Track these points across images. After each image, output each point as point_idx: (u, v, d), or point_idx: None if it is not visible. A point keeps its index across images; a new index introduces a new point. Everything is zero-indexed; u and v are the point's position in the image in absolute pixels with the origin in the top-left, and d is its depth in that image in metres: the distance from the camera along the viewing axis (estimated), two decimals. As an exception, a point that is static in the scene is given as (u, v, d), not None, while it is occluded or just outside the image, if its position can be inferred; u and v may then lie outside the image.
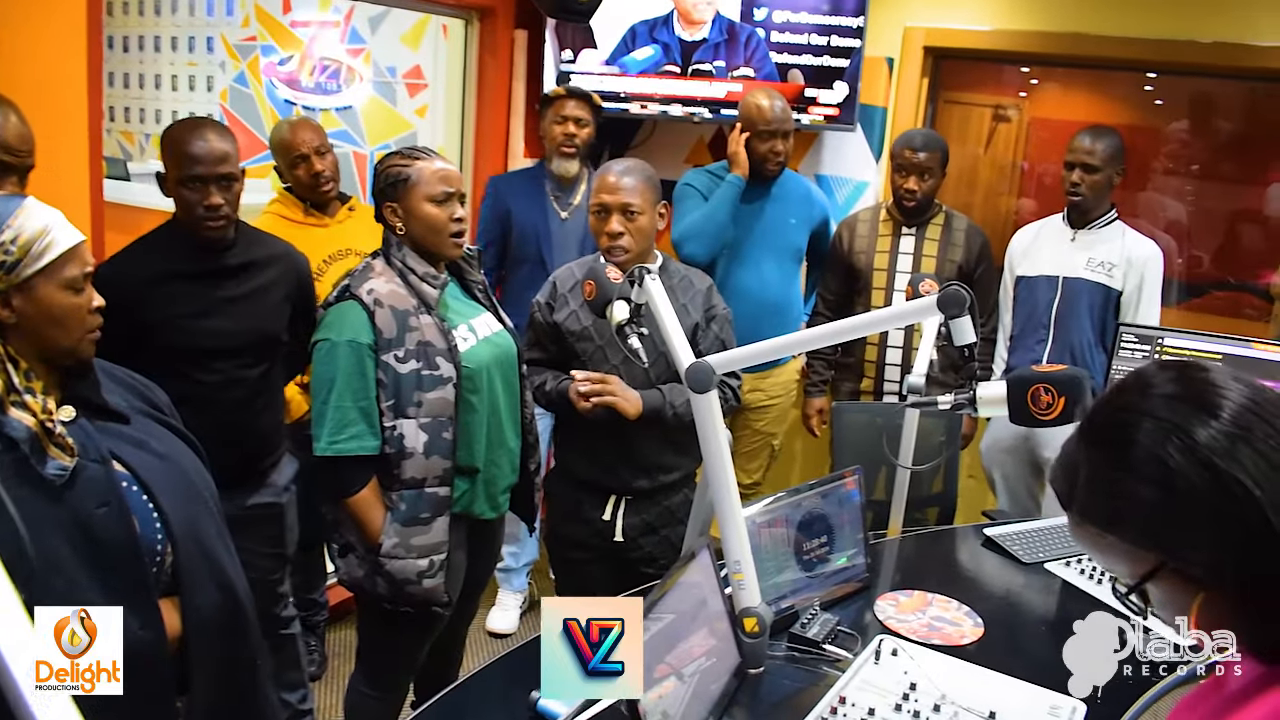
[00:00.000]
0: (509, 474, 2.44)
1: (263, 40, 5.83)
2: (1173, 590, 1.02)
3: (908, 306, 1.88)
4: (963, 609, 2.15)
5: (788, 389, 3.65)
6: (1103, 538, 1.05)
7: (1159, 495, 0.98)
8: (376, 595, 2.28)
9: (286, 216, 3.18)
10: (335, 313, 2.22)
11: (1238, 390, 1.00)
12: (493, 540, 2.58)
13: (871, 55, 3.85)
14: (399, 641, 2.43)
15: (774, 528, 2.03)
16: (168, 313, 2.34)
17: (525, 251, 3.51)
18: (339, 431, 2.17)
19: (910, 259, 3.40)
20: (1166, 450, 0.98)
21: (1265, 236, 4.05)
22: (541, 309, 2.60)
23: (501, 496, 2.45)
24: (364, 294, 2.19)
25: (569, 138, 3.49)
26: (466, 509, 2.35)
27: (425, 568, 2.25)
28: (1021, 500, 3.45)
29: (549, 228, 3.50)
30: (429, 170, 2.25)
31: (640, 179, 2.48)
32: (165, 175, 2.35)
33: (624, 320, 2.04)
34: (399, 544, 2.22)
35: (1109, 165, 3.18)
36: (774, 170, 3.38)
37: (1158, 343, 2.55)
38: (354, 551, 2.29)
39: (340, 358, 2.17)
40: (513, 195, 3.55)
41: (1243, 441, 0.96)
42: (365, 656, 2.52)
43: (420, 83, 5.27)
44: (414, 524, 2.23)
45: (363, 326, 2.17)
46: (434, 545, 2.25)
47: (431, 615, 2.34)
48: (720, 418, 1.80)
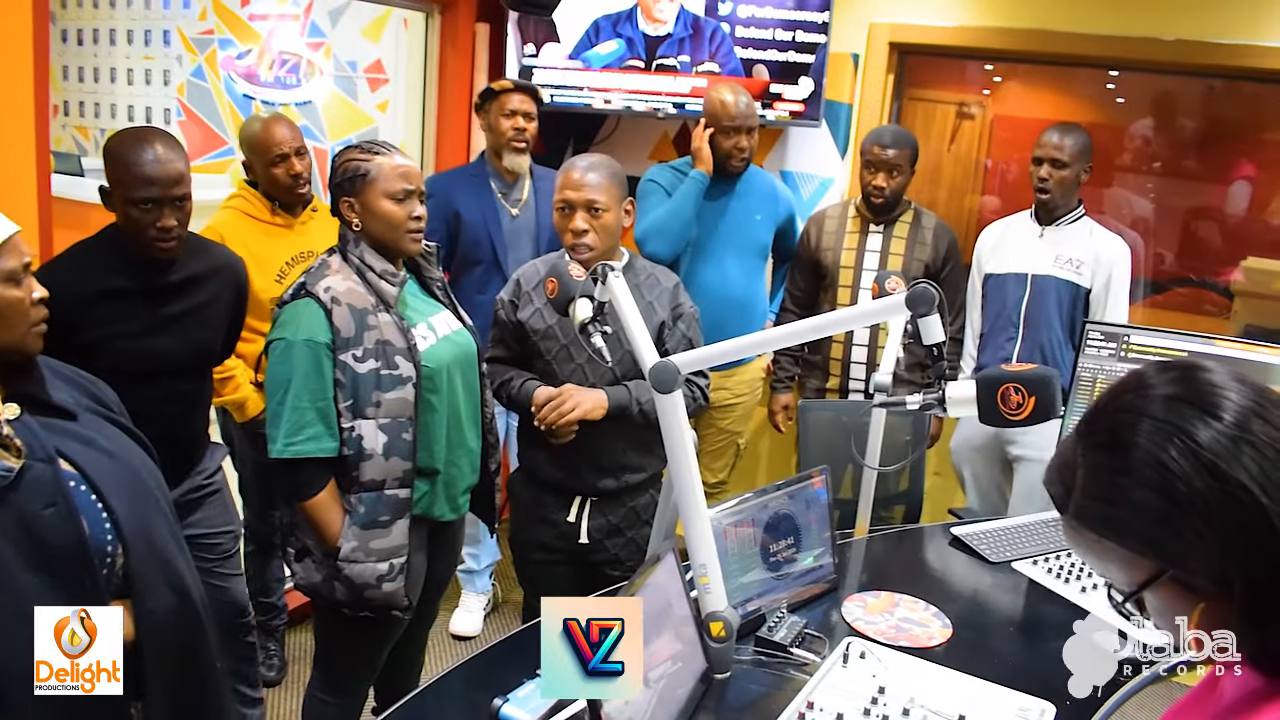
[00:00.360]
0: (469, 475, 2.40)
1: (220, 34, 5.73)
2: (1172, 599, 0.99)
3: (876, 305, 1.85)
4: (930, 610, 2.13)
5: (753, 387, 3.62)
6: (1099, 543, 1.01)
7: (1159, 500, 0.95)
8: (335, 600, 2.22)
9: (251, 215, 3.07)
10: (291, 311, 2.15)
11: (1240, 390, 0.97)
12: (453, 542, 2.54)
13: (837, 51, 3.84)
14: (358, 646, 2.38)
15: (740, 529, 2.00)
16: (108, 332, 2.27)
17: (478, 253, 3.41)
18: (296, 433, 2.12)
19: (877, 257, 3.38)
20: (1168, 453, 0.94)
21: (1225, 234, 4.09)
22: (505, 307, 2.56)
23: (461, 498, 2.41)
24: (320, 292, 2.14)
25: (519, 132, 3.40)
26: (426, 511, 2.30)
27: (385, 571, 2.20)
28: (991, 499, 3.45)
29: (500, 226, 3.42)
30: (388, 166, 2.19)
31: (605, 175, 2.44)
32: (110, 191, 2.26)
33: (587, 319, 2.00)
34: (358, 547, 2.17)
35: (1077, 161, 3.17)
36: (738, 166, 3.35)
37: (1124, 340, 2.54)
38: (311, 556, 2.24)
39: (296, 357, 2.11)
40: (458, 195, 3.43)
41: (1246, 444, 0.93)
42: (323, 662, 2.46)
43: (381, 77, 5.19)
44: (373, 527, 2.18)
45: (319, 325, 2.11)
46: (394, 548, 2.20)
47: (391, 619, 2.30)
48: (685, 418, 1.76)
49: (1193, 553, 0.94)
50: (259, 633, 3.39)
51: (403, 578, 2.22)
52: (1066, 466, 1.04)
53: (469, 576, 3.78)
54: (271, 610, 3.40)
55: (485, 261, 3.40)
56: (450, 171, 3.70)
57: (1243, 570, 0.92)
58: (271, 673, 3.37)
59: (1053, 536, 2.53)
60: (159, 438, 2.27)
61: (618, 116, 4.25)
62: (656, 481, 2.61)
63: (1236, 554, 0.92)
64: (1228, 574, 0.93)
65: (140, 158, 2.21)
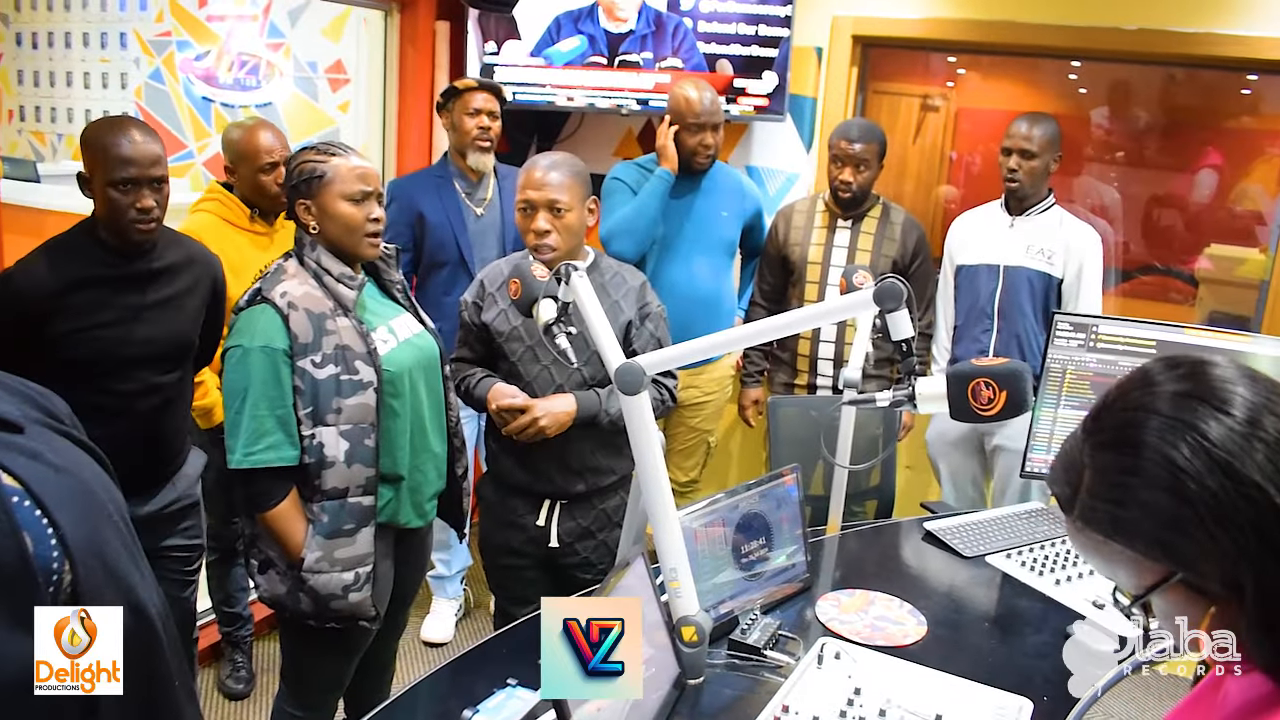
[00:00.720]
0: (435, 480, 2.36)
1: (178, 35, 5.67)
2: (1181, 602, 0.96)
3: (844, 301, 1.82)
4: (905, 607, 2.11)
5: (722, 385, 3.59)
6: (1106, 545, 0.98)
7: (1170, 501, 0.92)
8: (300, 612, 2.18)
9: (229, 220, 2.99)
10: (247, 318, 2.10)
11: (1250, 386, 0.94)
12: (421, 549, 2.49)
13: (800, 45, 3.81)
14: (326, 659, 2.33)
15: (711, 530, 1.97)
16: (85, 322, 2.27)
17: (443, 254, 3.36)
18: (255, 442, 2.07)
19: (845, 252, 3.36)
20: (1179, 451, 0.91)
21: (1189, 222, 4.11)
22: (469, 308, 2.52)
23: (429, 504, 2.36)
24: (277, 297, 2.08)
25: (483, 131, 3.34)
26: (392, 518, 2.25)
27: (351, 581, 2.15)
28: (966, 493, 3.44)
29: (465, 227, 3.37)
30: (345, 167, 2.14)
31: (567, 174, 2.40)
32: (89, 177, 2.28)
33: (551, 320, 1.97)
34: (322, 558, 2.12)
35: (1046, 151, 3.17)
36: (704, 163, 3.32)
37: (1092, 330, 2.53)
38: (275, 567, 2.19)
39: (254, 365, 2.06)
40: (421, 197, 3.38)
41: (1259, 440, 0.90)
42: (290, 675, 2.41)
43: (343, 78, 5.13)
44: (337, 536, 2.13)
45: (276, 331, 2.06)
46: (359, 557, 2.16)
47: (359, 630, 2.25)
48: (652, 420, 1.73)
49: (1204, 555, 0.91)
50: (225, 644, 3.34)
51: (369, 587, 2.18)
52: (1072, 466, 1.01)
53: (439, 582, 3.73)
54: (237, 620, 3.34)
55: (451, 263, 3.36)
56: (413, 174, 3.65)
57: (1255, 572, 0.90)
58: (239, 685, 3.30)
59: (1026, 529, 2.52)
60: (136, 439, 2.38)
61: (581, 114, 4.21)
62: (627, 483, 2.57)
63: (1249, 555, 0.89)
64: (1239, 576, 0.90)
65: (119, 140, 2.24)
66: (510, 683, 1.75)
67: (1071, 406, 2.58)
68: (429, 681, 1.87)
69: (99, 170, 2.25)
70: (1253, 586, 0.90)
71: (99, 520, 1.59)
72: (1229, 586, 0.92)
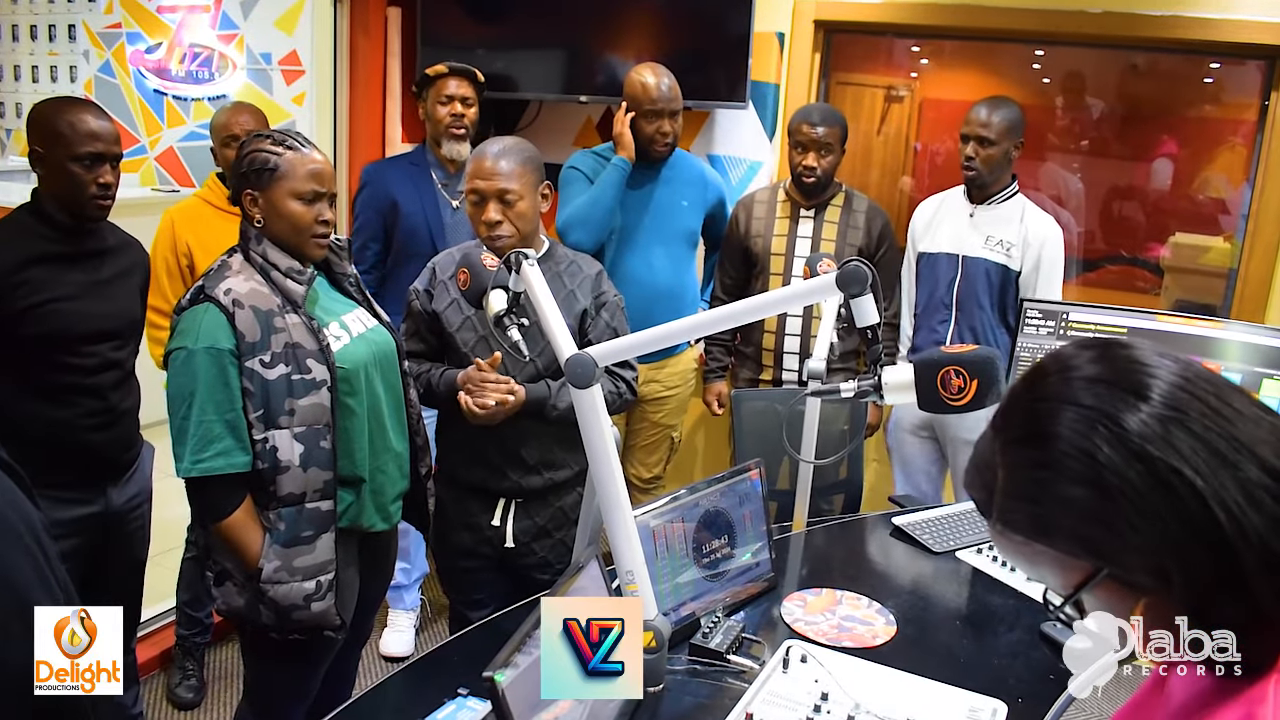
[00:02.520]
0: (398, 480, 2.25)
1: (128, 27, 5.55)
2: (1111, 598, 0.91)
3: (806, 285, 1.75)
4: (873, 606, 2.03)
5: (685, 379, 3.51)
6: (1029, 546, 0.92)
7: (1089, 495, 0.86)
8: (261, 625, 2.06)
9: (211, 202, 3.01)
10: (189, 317, 1.98)
11: (1166, 368, 0.88)
12: (386, 553, 2.39)
13: (761, 30, 3.73)
14: (290, 672, 2.21)
15: (671, 528, 1.89)
16: (43, 297, 2.30)
17: (416, 246, 3.22)
18: (203, 449, 1.94)
19: (809, 242, 3.28)
20: (1093, 442, 0.86)
21: (1154, 210, 4.08)
22: (420, 297, 2.43)
23: (393, 505, 2.25)
24: (221, 295, 1.97)
25: (456, 118, 3.24)
26: (354, 522, 2.14)
27: (312, 590, 2.04)
28: (919, 484, 3.37)
29: (440, 219, 3.25)
30: (299, 164, 2.03)
31: (517, 161, 2.30)
32: (42, 153, 2.31)
33: (502, 310, 1.89)
34: (281, 567, 2.01)
35: (1005, 138, 3.08)
36: (662, 151, 3.23)
37: (1063, 318, 2.48)
38: (232, 579, 2.07)
39: (199, 367, 1.93)
40: (395, 185, 3.26)
41: (1177, 425, 0.85)
42: (253, 690, 2.29)
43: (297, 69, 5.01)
44: (296, 544, 2.02)
45: (221, 330, 1.95)
46: (320, 565, 2.05)
47: (324, 640, 2.14)
48: (605, 414, 1.64)
49: (1128, 548, 0.86)
50: (177, 649, 3.22)
51: (333, 595, 2.07)
52: (985, 466, 0.95)
53: (396, 593, 3.58)
54: (196, 626, 3.21)
55: (424, 254, 3.19)
56: (388, 159, 3.53)
57: (1181, 559, 0.84)
58: (189, 694, 3.17)
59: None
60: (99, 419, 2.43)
61: (539, 103, 4.11)
62: (584, 478, 2.48)
63: (1173, 543, 0.84)
64: (1165, 565, 0.85)
65: (81, 115, 2.29)
66: (461, 692, 1.67)
67: (1041, 396, 2.52)
68: (379, 691, 1.79)
69: (59, 145, 2.27)
70: (1179, 574, 0.85)
71: (6, 546, 1.48)
72: (1157, 577, 0.86)
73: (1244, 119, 3.65)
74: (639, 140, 3.19)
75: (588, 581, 1.57)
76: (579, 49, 3.89)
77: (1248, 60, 3.56)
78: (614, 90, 3.30)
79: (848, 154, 3.33)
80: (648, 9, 3.80)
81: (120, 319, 2.46)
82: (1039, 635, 1.96)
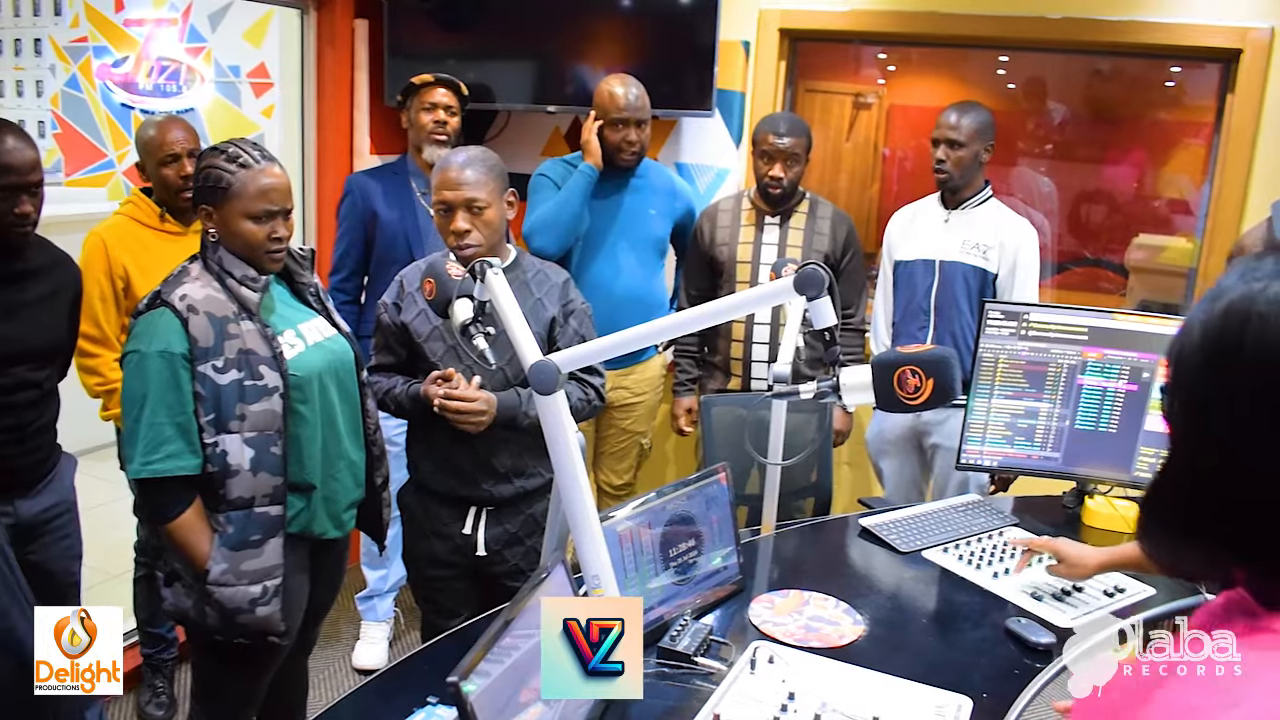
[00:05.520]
0: (353, 489, 2.27)
1: (95, 41, 5.54)
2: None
3: (766, 289, 1.76)
4: (841, 606, 2.05)
5: (654, 385, 3.52)
6: None
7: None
8: (206, 627, 2.09)
9: (140, 220, 2.92)
10: (145, 322, 2.03)
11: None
12: (338, 562, 2.41)
13: (727, 39, 3.75)
14: (235, 676, 2.24)
15: (639, 534, 1.90)
16: None
17: (394, 252, 3.25)
18: (153, 451, 1.98)
19: (775, 249, 3.29)
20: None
21: (1118, 212, 4.13)
22: (389, 309, 2.43)
23: (345, 514, 2.28)
24: (176, 300, 2.01)
25: (440, 124, 3.28)
26: (305, 529, 2.17)
27: (258, 595, 2.07)
28: (907, 491, 3.39)
29: (419, 227, 3.27)
30: (251, 184, 2.05)
31: (482, 170, 2.32)
32: None
33: (468, 320, 1.89)
34: (228, 570, 2.04)
35: (975, 141, 3.11)
36: (629, 159, 3.25)
37: (1024, 318, 2.51)
38: (181, 580, 2.11)
39: (151, 370, 1.98)
40: (376, 195, 3.30)
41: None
42: (200, 693, 2.33)
43: (266, 82, 5.02)
44: (243, 548, 2.05)
45: (175, 335, 1.99)
46: (266, 570, 2.07)
47: (269, 646, 2.16)
48: (570, 421, 1.65)
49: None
50: (145, 667, 3.20)
51: (278, 600, 2.10)
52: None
53: (369, 603, 3.58)
54: (160, 643, 3.19)
55: (401, 262, 3.22)
56: (370, 170, 3.55)
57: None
58: (159, 711, 3.15)
59: (963, 522, 2.48)
60: (14, 436, 2.41)
61: (508, 112, 4.12)
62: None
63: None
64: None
65: None
66: (430, 701, 1.67)
67: (1005, 396, 2.55)
68: (348, 702, 1.78)
69: None
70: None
71: None
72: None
73: (1204, 121, 3.71)
74: (606, 148, 3.21)
75: (554, 587, 1.57)
76: (546, 59, 3.90)
77: (1206, 64, 3.61)
78: (582, 100, 3.31)
79: (817, 161, 3.35)
80: (614, 19, 3.81)
81: (40, 340, 2.45)
82: (1004, 632, 1.98)
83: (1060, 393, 2.52)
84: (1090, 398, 2.51)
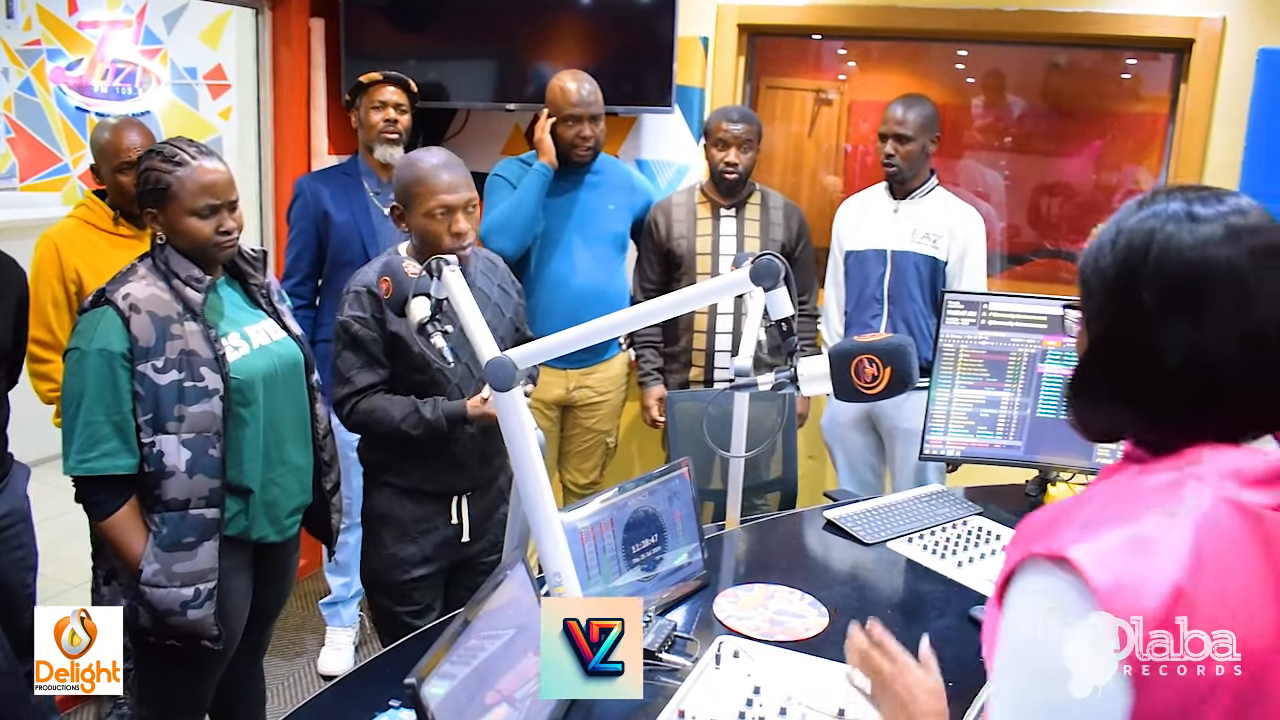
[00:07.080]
0: (297, 494, 2.26)
1: (48, 44, 5.47)
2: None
3: (722, 280, 1.75)
4: (806, 599, 2.05)
5: (617, 384, 3.50)
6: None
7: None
8: (140, 627, 2.08)
9: (93, 224, 2.88)
10: (87, 320, 2.02)
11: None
12: (284, 566, 2.39)
13: (685, 35, 3.75)
14: (173, 678, 2.22)
15: (600, 531, 1.89)
16: None
17: (349, 255, 3.19)
18: (89, 449, 1.98)
19: (734, 240, 3.31)
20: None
21: (1076, 204, 4.16)
22: (369, 325, 2.29)
23: (288, 519, 2.26)
24: (119, 299, 2.00)
25: (390, 123, 3.24)
26: (244, 532, 2.16)
27: (190, 598, 2.05)
28: (864, 477, 3.41)
29: (373, 227, 3.23)
30: (190, 182, 2.04)
31: (462, 170, 2.33)
32: None
33: (425, 318, 1.87)
34: (160, 571, 2.03)
35: (922, 134, 3.18)
36: (584, 155, 3.23)
37: (983, 307, 2.52)
38: (119, 578, 2.11)
39: (89, 368, 1.97)
40: (326, 195, 3.24)
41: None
42: (143, 696, 2.30)
43: (223, 83, 4.97)
44: (176, 549, 2.04)
45: (115, 334, 1.98)
46: (200, 573, 2.06)
47: (205, 650, 2.13)
48: (528, 417, 1.63)
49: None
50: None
51: (212, 604, 2.08)
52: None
53: (333, 609, 3.54)
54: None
55: (356, 263, 3.17)
56: (321, 171, 3.51)
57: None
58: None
59: (927, 512, 2.49)
60: None
61: (467, 111, 4.10)
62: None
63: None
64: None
65: None
66: (392, 704, 1.65)
67: (966, 385, 2.56)
68: (310, 707, 1.76)
69: None
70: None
71: None
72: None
73: (1160, 112, 3.75)
74: (560, 145, 3.19)
75: (516, 585, 1.56)
76: (505, 57, 3.88)
77: (1160, 54, 3.65)
78: (542, 98, 3.29)
79: (780, 157, 3.36)
80: (573, 16, 3.80)
81: None
82: (968, 620, 1.99)
83: (1021, 381, 2.53)
84: (1051, 386, 2.52)
